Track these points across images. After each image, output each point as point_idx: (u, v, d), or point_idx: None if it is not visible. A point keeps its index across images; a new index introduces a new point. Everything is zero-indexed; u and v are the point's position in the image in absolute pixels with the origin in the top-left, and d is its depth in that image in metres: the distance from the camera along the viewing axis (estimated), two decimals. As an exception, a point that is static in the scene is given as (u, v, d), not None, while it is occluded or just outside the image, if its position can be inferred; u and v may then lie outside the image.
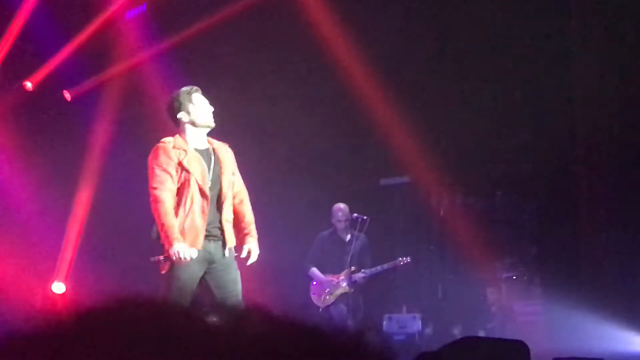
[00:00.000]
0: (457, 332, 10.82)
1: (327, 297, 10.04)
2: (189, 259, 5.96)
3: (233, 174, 6.49)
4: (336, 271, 10.08)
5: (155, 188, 6.10)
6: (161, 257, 6.01)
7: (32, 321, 1.02)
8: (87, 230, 10.92)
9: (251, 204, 6.55)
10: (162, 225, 5.98)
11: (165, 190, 6.08)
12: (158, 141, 6.35)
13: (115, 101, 11.24)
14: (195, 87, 6.47)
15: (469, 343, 3.95)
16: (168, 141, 6.31)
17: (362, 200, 11.09)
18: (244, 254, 6.40)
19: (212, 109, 6.46)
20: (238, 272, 6.31)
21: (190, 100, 6.39)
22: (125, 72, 11.37)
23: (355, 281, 10.01)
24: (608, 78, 10.09)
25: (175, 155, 6.20)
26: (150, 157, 6.25)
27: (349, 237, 10.28)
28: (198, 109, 6.40)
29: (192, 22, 11.04)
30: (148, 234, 6.27)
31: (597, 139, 10.25)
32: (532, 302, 10.94)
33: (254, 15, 10.88)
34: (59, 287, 10.46)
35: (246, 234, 6.45)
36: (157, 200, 6.05)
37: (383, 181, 13.02)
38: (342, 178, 12.07)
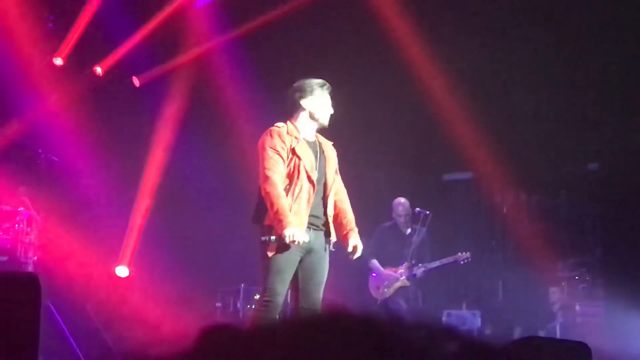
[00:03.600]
0: (517, 331, 10.74)
1: (386, 290, 10.03)
2: (301, 242, 6.08)
3: (336, 172, 6.60)
4: (395, 264, 10.07)
5: (269, 169, 6.17)
6: (272, 238, 6.08)
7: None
8: (151, 216, 11.05)
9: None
10: (275, 207, 6.05)
11: (277, 173, 6.17)
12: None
13: (183, 89, 11.35)
14: (328, 84, 6.57)
15: (530, 343, 3.91)
16: (282, 126, 6.40)
17: (424, 195, 11.06)
18: (350, 249, 6.50)
19: (332, 111, 6.55)
20: (328, 267, 6.43)
21: (319, 93, 6.50)
22: (194, 61, 11.47)
23: (415, 275, 10.00)
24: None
25: (288, 140, 6.30)
26: (263, 140, 6.33)
27: (409, 230, 10.27)
28: (321, 104, 6.50)
29: (261, 13, 11.08)
30: (253, 216, 6.34)
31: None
32: (594, 303, 10.79)
33: (323, 7, 10.88)
34: (122, 271, 10.61)
35: (350, 230, 6.56)
36: (269, 183, 6.13)
37: (446, 176, 12.97)
38: (405, 172, 12.03)
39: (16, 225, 8.62)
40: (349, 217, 6.60)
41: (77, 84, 10.83)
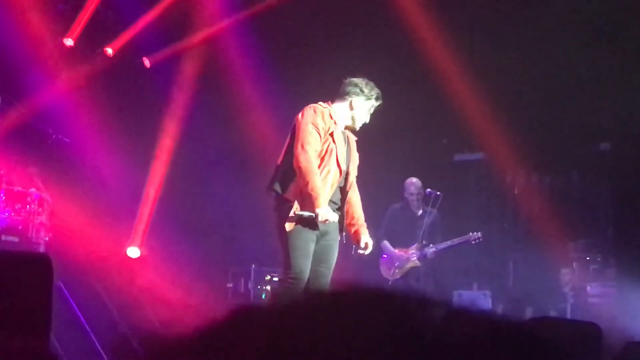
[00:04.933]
0: (528, 312, 10.73)
1: (397, 270, 10.04)
2: (331, 221, 6.15)
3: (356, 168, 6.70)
4: (406, 245, 10.07)
5: (308, 144, 6.22)
6: (306, 213, 6.10)
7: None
8: (163, 197, 11.06)
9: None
10: (311, 185, 6.10)
11: (315, 151, 6.23)
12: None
13: (194, 69, 11.33)
14: (380, 99, 6.64)
15: (541, 323, 3.91)
16: (326, 107, 6.48)
17: (436, 176, 11.04)
18: (362, 245, 6.59)
19: (367, 121, 6.64)
20: (337, 249, 6.50)
21: (370, 100, 6.58)
22: (205, 41, 11.44)
23: (426, 255, 9.99)
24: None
25: (329, 122, 6.37)
26: (305, 114, 6.36)
27: (420, 211, 10.25)
28: (365, 110, 6.58)
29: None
30: (267, 185, 6.41)
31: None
32: (605, 284, 10.78)
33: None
34: (133, 252, 10.63)
35: (360, 226, 6.64)
36: (307, 158, 6.17)
37: (458, 157, 12.94)
38: (416, 153, 12.01)
39: (27, 206, 8.64)
40: (359, 213, 6.68)
41: (87, 64, 10.81)
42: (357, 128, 6.62)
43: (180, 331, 1.00)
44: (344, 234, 6.54)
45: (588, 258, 10.94)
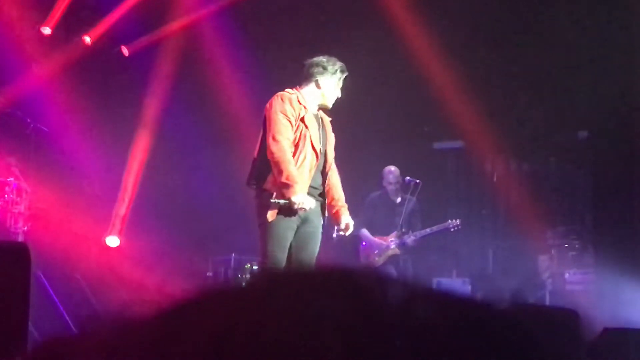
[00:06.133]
0: (506, 299, 10.78)
1: (376, 258, 10.06)
2: (308, 209, 6.14)
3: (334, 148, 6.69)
4: (386, 233, 10.09)
5: (279, 134, 6.21)
6: (281, 201, 6.09)
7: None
8: (142, 186, 11.03)
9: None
10: (286, 173, 6.08)
11: (287, 138, 6.21)
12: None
13: (173, 58, 11.28)
14: (346, 72, 6.61)
15: (518, 309, 3.93)
16: (293, 93, 6.46)
17: (415, 164, 11.06)
18: (342, 226, 6.60)
19: (339, 95, 6.61)
20: (320, 238, 6.51)
21: (335, 75, 6.54)
22: (183, 29, 11.39)
23: (405, 243, 10.02)
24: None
25: (298, 108, 6.35)
26: (273, 104, 6.35)
27: (399, 199, 10.27)
28: (333, 86, 6.55)
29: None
30: (247, 180, 6.44)
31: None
32: (584, 270, 10.83)
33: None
34: (113, 241, 10.60)
35: (341, 206, 6.65)
36: (280, 148, 6.16)
37: (437, 145, 12.96)
38: (395, 141, 12.01)
39: (5, 195, 8.58)
40: (340, 193, 6.68)
41: (65, 53, 10.75)
42: (330, 105, 6.61)
43: (136, 312, 1.00)
44: (325, 217, 6.55)
45: (566, 245, 10.99)
